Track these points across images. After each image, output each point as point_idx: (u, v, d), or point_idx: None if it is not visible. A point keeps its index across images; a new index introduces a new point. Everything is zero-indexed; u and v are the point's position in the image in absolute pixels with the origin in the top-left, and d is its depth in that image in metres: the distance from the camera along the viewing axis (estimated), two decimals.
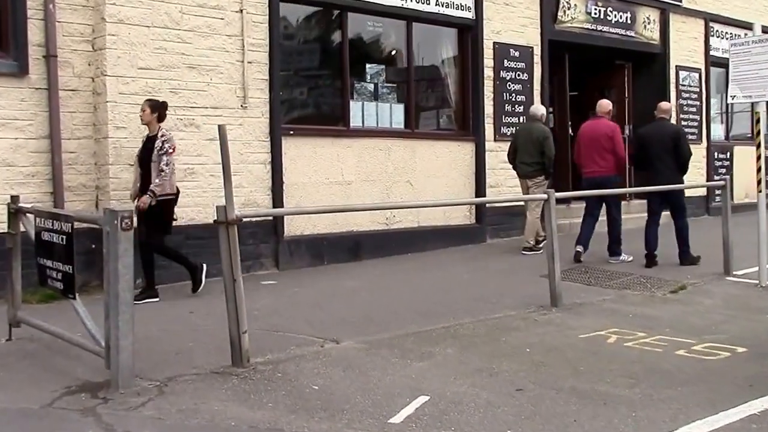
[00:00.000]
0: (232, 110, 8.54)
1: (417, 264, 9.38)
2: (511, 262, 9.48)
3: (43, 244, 5.39)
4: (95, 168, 7.85)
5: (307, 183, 9.21)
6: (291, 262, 9.00)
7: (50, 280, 5.37)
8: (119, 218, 4.66)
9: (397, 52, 10.45)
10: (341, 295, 7.57)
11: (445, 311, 6.80)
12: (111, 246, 4.66)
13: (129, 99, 7.79)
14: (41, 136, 7.51)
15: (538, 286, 7.93)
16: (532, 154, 9.88)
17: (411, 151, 10.25)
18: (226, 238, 5.11)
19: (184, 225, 8.12)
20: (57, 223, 5.20)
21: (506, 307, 6.97)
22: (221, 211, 5.08)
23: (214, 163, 8.34)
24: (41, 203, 7.37)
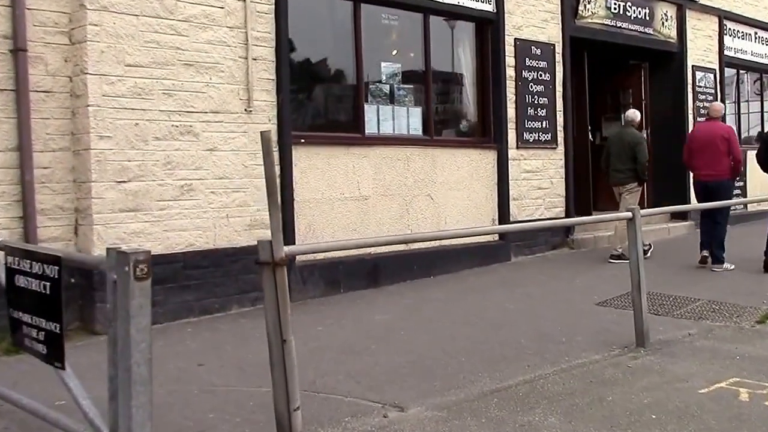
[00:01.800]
0: (234, 115, 7.19)
1: (446, 290, 8.13)
2: (551, 286, 8.28)
3: (18, 291, 3.98)
4: (74, 186, 6.44)
5: (321, 199, 7.90)
6: (304, 292, 7.67)
7: (28, 340, 3.94)
8: (131, 263, 3.29)
9: (413, 49, 9.18)
10: (376, 334, 6.27)
11: (512, 355, 5.55)
12: (119, 301, 3.29)
13: (115, 102, 6.40)
14: (8, 148, 6.09)
15: (601, 318, 6.77)
16: (624, 161, 9.69)
17: (431, 161, 8.99)
18: (272, 283, 3.80)
19: (180, 252, 6.75)
20: (38, 265, 3.81)
21: (582, 347, 5.74)
22: (265, 248, 3.78)
23: (215, 178, 7.00)
24: (8, 230, 5.95)
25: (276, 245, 3.75)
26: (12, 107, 6.08)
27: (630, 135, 9.87)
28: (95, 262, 3.80)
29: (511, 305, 7.37)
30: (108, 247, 3.41)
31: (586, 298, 7.57)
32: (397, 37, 9.09)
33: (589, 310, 7.09)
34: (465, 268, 9.24)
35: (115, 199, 6.40)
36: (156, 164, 6.64)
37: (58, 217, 6.35)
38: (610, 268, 9.22)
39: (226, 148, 7.12)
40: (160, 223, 6.67)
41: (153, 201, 6.63)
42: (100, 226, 6.31)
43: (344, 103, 8.52)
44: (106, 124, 6.36)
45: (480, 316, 6.91)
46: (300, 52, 7.73)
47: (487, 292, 7.97)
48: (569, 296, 7.71)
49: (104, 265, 3.43)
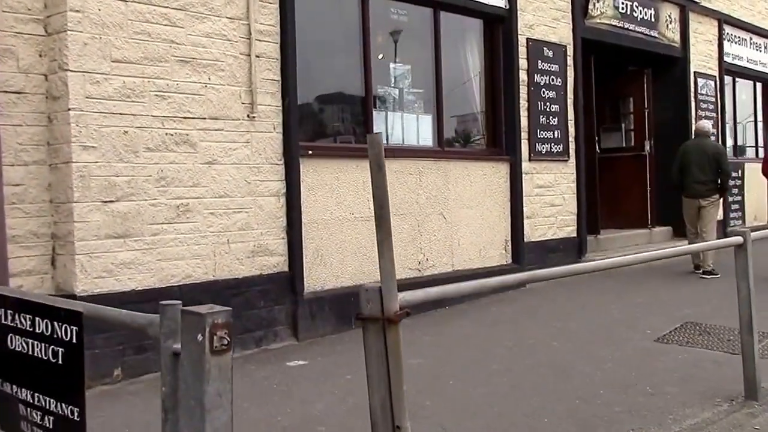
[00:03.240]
0: (236, 122, 6.42)
1: (471, 322, 7.49)
2: (587, 317, 7.71)
3: (12, 357, 3.10)
4: (51, 207, 5.56)
5: (329, 220, 7.17)
6: (313, 328, 6.91)
7: (26, 425, 3.05)
8: (207, 328, 2.42)
9: (422, 48, 8.54)
10: (422, 385, 5.55)
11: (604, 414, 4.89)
12: (185, 384, 2.43)
13: (100, 105, 5.56)
14: None
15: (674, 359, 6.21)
16: (707, 172, 9.79)
17: (443, 176, 8.36)
18: (380, 347, 3.05)
19: (176, 285, 5.93)
20: (46, 323, 2.94)
21: (679, 401, 5.12)
22: (372, 298, 3.04)
23: (214, 196, 6.20)
24: None
25: (388, 293, 3.03)
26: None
27: (712, 146, 10.06)
28: (141, 323, 2.84)
29: (555, 342, 6.75)
30: (162, 303, 2.57)
31: (638, 333, 7.01)
32: (406, 35, 8.44)
33: (651, 349, 6.52)
34: (480, 295, 8.59)
35: (101, 222, 5.55)
36: (148, 180, 5.82)
37: (32, 245, 5.46)
38: (640, 294, 8.74)
39: (227, 161, 6.33)
40: (153, 251, 5.85)
41: (145, 224, 5.80)
42: (83, 255, 5.45)
43: (352, 109, 7.81)
44: (90, 132, 5.51)
45: (530, 357, 6.27)
46: (305, 49, 6.99)
47: (519, 326, 7.35)
48: (616, 330, 7.15)
49: (157, 328, 2.60)
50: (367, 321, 3.01)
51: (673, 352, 6.37)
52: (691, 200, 10.00)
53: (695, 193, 9.93)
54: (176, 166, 6.00)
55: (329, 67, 7.68)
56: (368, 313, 3.00)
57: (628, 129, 12.66)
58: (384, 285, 2.99)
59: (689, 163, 9.95)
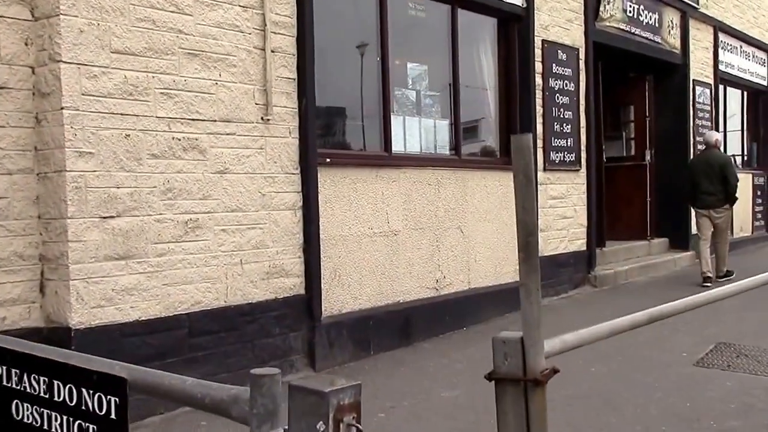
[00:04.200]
0: (249, 125, 5.52)
1: None
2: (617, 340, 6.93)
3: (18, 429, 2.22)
4: (39, 225, 4.61)
5: (347, 236, 6.30)
6: (330, 357, 6.04)
7: None
8: (332, 411, 1.66)
9: (438, 47, 7.73)
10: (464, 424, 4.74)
11: None
12: None
13: (99, 104, 4.63)
14: None
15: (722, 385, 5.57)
16: (714, 183, 9.69)
17: (461, 186, 7.55)
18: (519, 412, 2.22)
19: (184, 313, 5.01)
20: (70, 388, 2.04)
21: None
22: (510, 353, 2.21)
23: (226, 210, 5.29)
24: None
25: (532, 347, 2.21)
26: None
27: (717, 156, 9.91)
28: (221, 399, 1.92)
29: (592, 368, 5.98)
30: (254, 372, 1.76)
31: (674, 356, 6.33)
32: (423, 32, 7.62)
33: (695, 375, 5.83)
34: (495, 315, 7.83)
35: (99, 242, 4.61)
36: (153, 192, 4.90)
37: (17, 269, 4.49)
38: None
39: (240, 170, 5.43)
40: (159, 275, 4.92)
41: (149, 243, 4.87)
42: (79, 281, 4.51)
43: (369, 112, 6.95)
44: (87, 136, 4.57)
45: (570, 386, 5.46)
46: (319, 45, 6.12)
47: None
48: (649, 352, 6.41)
49: (247, 408, 1.78)
50: (504, 382, 2.18)
51: (718, 378, 5.71)
52: (703, 212, 9.90)
53: (706, 205, 9.84)
54: (184, 175, 5.08)
55: (344, 66, 6.82)
56: (506, 372, 2.17)
57: (628, 138, 12.02)
58: (528, 336, 2.18)
59: (698, 176, 9.88)
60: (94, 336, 4.56)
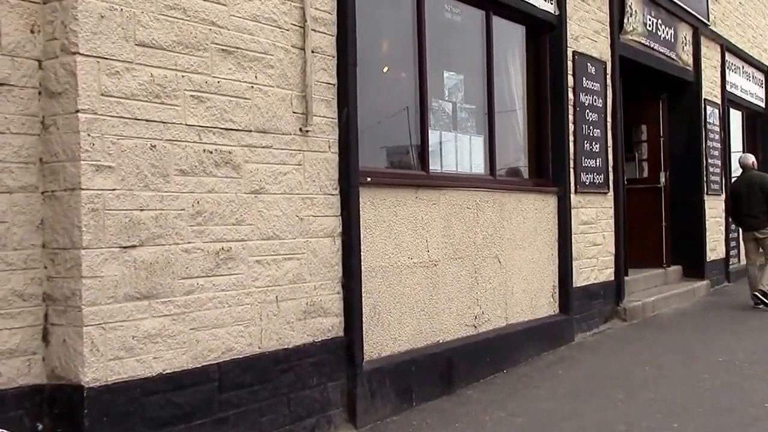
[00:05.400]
0: (287, 137, 4.72)
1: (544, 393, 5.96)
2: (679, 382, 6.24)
3: None
4: (44, 255, 3.72)
5: (387, 267, 5.52)
6: (372, 410, 5.22)
7: None
8: None
9: (472, 56, 7.03)
10: None
11: None
12: None
13: (120, 107, 3.78)
14: None
15: None
16: (759, 204, 9.82)
17: (499, 211, 6.83)
18: None
19: (214, 363, 4.16)
20: None
21: None
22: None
23: (261, 238, 4.48)
24: None
25: None
26: None
27: (759, 177, 10.06)
28: None
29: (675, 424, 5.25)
30: None
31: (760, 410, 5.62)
32: (458, 38, 6.91)
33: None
34: (533, 355, 7.12)
35: (119, 277, 3.74)
36: (180, 216, 4.06)
37: (15, 311, 3.60)
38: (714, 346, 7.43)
39: (276, 190, 4.62)
40: (186, 317, 4.07)
41: (176, 279, 4.02)
42: (94, 326, 3.63)
43: (405, 125, 6.19)
44: (107, 146, 3.72)
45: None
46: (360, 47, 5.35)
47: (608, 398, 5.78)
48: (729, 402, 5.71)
49: None
50: None
51: None
52: (749, 233, 10.09)
53: (750, 226, 10.01)
54: (216, 195, 4.25)
55: (377, 71, 6.06)
56: None
57: (641, 159, 11.46)
58: None
59: (740, 199, 10.12)
60: (111, 396, 3.69)
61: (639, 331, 8.41)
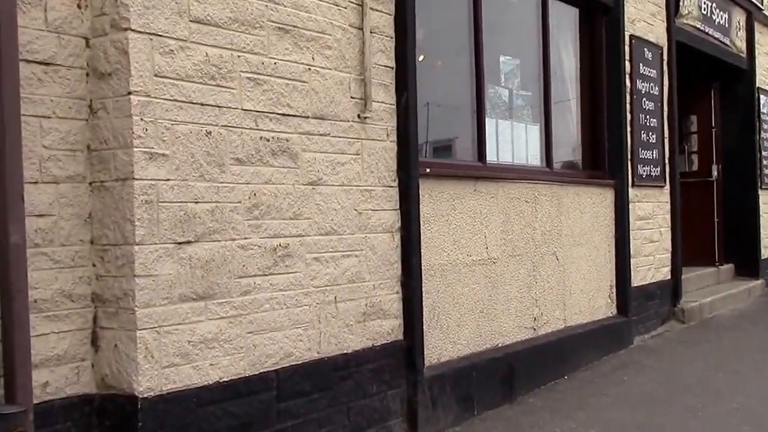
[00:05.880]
0: (344, 124, 4.46)
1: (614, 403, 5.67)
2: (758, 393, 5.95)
3: None
4: (92, 252, 3.49)
5: (446, 265, 5.26)
6: (434, 419, 4.97)
7: None
8: None
9: (527, 39, 6.75)
10: None
11: None
12: None
13: (174, 90, 3.54)
14: None
15: None
16: None
17: (557, 205, 6.55)
18: None
19: (272, 369, 3.92)
20: None
21: None
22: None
23: (319, 233, 4.23)
24: None
25: None
26: None
27: None
28: None
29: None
30: None
31: None
32: (514, 18, 6.64)
33: None
34: (593, 359, 6.84)
35: (173, 276, 3.50)
36: (236, 209, 3.81)
37: (63, 312, 3.37)
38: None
39: (334, 181, 4.37)
40: (243, 320, 3.82)
41: (233, 278, 3.78)
42: (148, 330, 3.39)
43: (461, 113, 5.93)
44: (160, 132, 3.48)
45: None
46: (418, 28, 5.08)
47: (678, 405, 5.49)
48: None
49: None
50: None
51: None
52: None
53: None
54: (273, 187, 4.00)
55: (436, 54, 5.79)
56: None
57: (690, 151, 11.13)
58: None
59: None
60: (166, 406, 3.45)
61: (699, 333, 8.11)
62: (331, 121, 4.37)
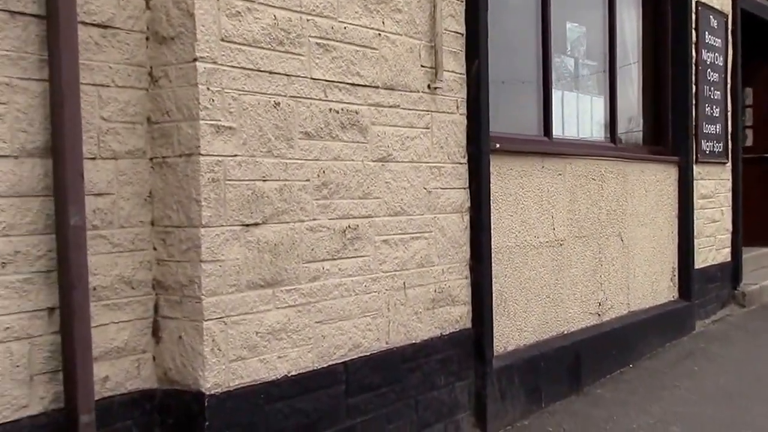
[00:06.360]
0: (414, 96, 4.18)
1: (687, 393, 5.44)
2: None
3: None
4: (153, 235, 3.24)
5: (513, 247, 4.99)
6: (502, 413, 4.73)
7: None
8: None
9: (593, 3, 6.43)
10: None
11: None
12: None
13: (242, 56, 3.27)
14: (25, 149, 2.81)
15: None
16: None
17: (622, 182, 6.26)
18: None
19: (340, 362, 3.68)
20: None
21: None
22: None
23: (388, 214, 4.00)
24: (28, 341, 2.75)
25: None
26: (34, 61, 2.84)
27: None
28: None
29: None
30: None
31: None
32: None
33: None
34: (657, 346, 6.60)
35: (241, 261, 3.26)
36: (305, 188, 3.56)
37: (124, 301, 3.13)
38: None
39: (403, 157, 4.10)
40: (312, 308, 3.58)
41: (301, 263, 3.53)
42: (215, 320, 3.16)
43: (526, 84, 5.63)
44: (227, 103, 3.21)
45: None
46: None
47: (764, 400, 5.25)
48: None
49: None
50: None
51: None
52: None
53: None
54: (342, 164, 3.74)
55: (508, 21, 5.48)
56: None
57: (744, 126, 10.73)
58: None
59: None
60: (233, 403, 3.22)
61: (763, 318, 7.82)
62: (401, 92, 4.09)
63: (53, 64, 2.83)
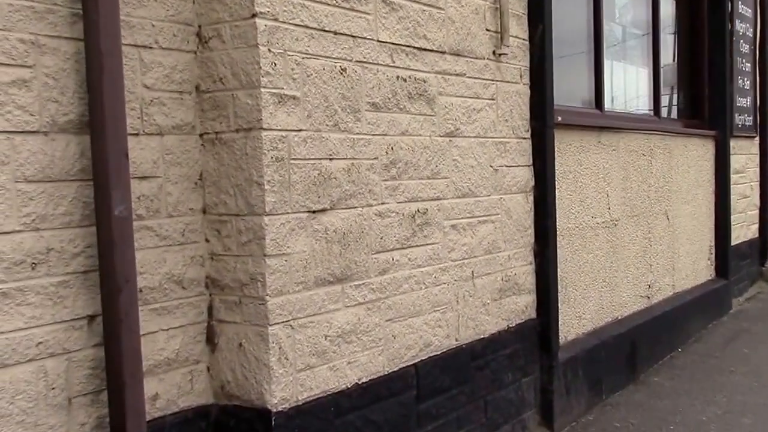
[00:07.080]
0: (480, 63, 3.55)
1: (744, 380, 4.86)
2: None
3: None
4: (206, 225, 2.61)
5: (573, 230, 4.40)
6: (568, 409, 4.16)
7: None
8: None
9: None
10: None
11: None
12: None
13: (306, 14, 2.63)
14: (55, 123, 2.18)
15: None
16: None
17: (668, 158, 5.68)
18: None
19: (411, 364, 3.09)
20: None
21: None
22: None
23: (456, 195, 3.38)
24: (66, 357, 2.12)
25: None
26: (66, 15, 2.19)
27: None
28: None
29: None
30: None
31: None
32: None
33: None
34: (700, 328, 6.06)
35: (308, 254, 2.64)
36: (372, 167, 2.93)
37: (174, 304, 2.51)
38: None
39: (470, 132, 3.49)
40: (382, 305, 2.97)
41: (370, 254, 2.92)
42: (280, 325, 2.54)
43: (578, 54, 5.00)
44: (290, 68, 2.58)
45: None
46: None
47: None
48: None
49: None
50: None
51: None
52: None
53: None
54: (409, 139, 3.12)
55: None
56: None
57: None
58: None
59: None
60: (302, 421, 2.62)
61: None
62: (467, 59, 3.46)
63: (88, 18, 2.19)
